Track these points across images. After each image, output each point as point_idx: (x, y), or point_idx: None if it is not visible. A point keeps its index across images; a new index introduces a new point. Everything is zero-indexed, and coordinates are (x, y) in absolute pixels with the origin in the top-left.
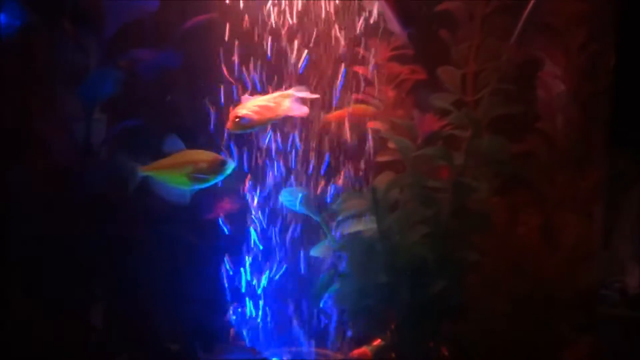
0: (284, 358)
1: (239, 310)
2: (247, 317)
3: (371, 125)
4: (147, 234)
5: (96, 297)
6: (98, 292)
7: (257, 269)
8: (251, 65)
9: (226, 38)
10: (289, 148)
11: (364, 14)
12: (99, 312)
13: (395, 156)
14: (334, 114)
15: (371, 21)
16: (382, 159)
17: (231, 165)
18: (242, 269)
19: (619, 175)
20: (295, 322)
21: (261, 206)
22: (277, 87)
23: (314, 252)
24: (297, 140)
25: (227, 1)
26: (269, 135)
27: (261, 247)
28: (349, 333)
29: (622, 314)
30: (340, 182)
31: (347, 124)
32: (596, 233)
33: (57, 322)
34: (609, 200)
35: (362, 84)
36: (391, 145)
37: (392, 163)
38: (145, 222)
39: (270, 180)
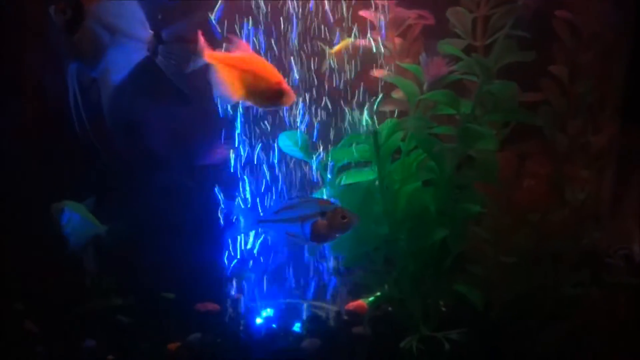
0: None
1: (236, 260)
2: (243, 268)
3: (377, 74)
4: (144, 180)
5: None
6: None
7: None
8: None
9: None
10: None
11: None
12: (93, 256)
13: (398, 106)
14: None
15: None
16: (385, 108)
17: None
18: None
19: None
20: (291, 274)
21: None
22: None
23: None
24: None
25: None
26: None
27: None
28: (346, 284)
29: (627, 281)
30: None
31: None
32: (605, 190)
33: (53, 266)
34: (619, 165)
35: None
36: (396, 94)
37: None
38: (141, 167)
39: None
